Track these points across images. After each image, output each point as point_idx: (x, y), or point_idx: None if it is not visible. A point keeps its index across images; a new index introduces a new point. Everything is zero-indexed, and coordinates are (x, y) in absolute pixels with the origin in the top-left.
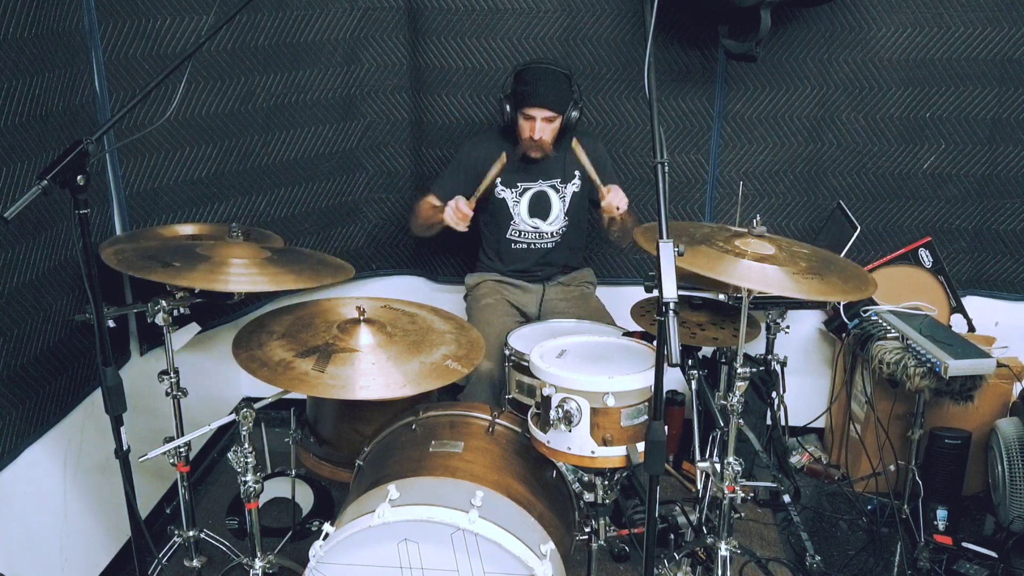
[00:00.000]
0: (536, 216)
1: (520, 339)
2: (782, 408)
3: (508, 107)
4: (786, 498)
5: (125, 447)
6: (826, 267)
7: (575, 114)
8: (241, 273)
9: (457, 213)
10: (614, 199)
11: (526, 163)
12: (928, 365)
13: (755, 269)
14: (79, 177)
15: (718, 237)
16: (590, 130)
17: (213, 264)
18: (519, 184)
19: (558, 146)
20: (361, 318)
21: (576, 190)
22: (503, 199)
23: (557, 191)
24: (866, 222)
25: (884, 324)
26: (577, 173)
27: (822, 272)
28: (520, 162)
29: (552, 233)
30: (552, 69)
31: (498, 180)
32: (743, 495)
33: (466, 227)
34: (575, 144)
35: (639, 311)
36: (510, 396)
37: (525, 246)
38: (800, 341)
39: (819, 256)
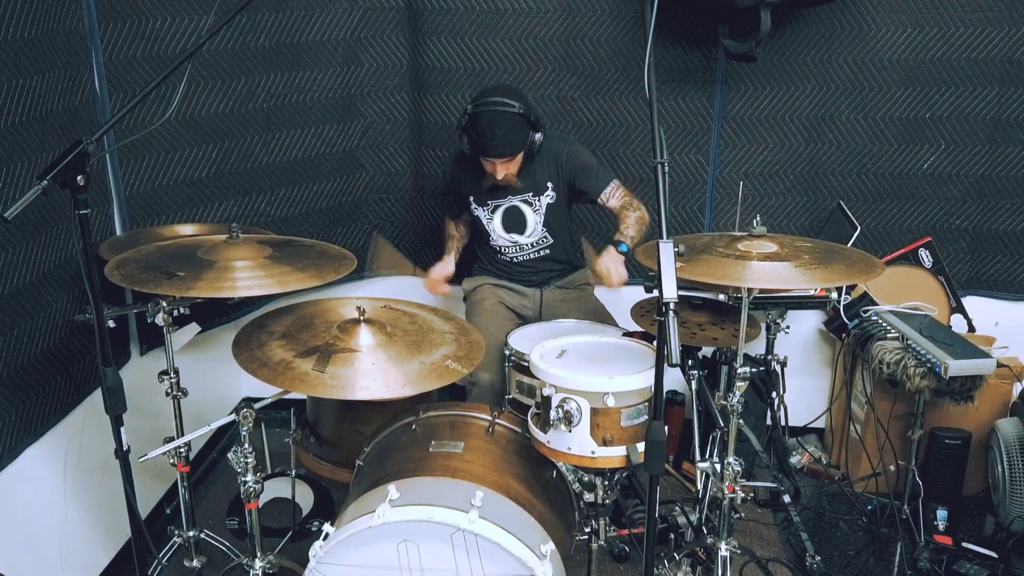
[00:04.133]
0: (513, 231)
1: (520, 339)
2: (782, 408)
3: (467, 143)
4: (786, 498)
5: (125, 447)
6: (830, 256)
7: (538, 136)
8: (247, 277)
9: (434, 289)
10: (613, 274)
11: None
12: (928, 365)
13: (764, 268)
14: (79, 177)
15: (718, 244)
16: (562, 134)
17: (218, 270)
18: (490, 202)
19: (526, 167)
20: (361, 318)
21: (551, 201)
22: (477, 216)
23: (530, 204)
24: (866, 222)
25: (884, 324)
26: (550, 184)
27: (827, 261)
28: (490, 179)
29: (532, 245)
30: (502, 112)
31: (470, 198)
32: (743, 495)
33: (446, 288)
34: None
35: (639, 311)
36: (510, 396)
37: (509, 260)
38: (800, 341)
39: (821, 247)
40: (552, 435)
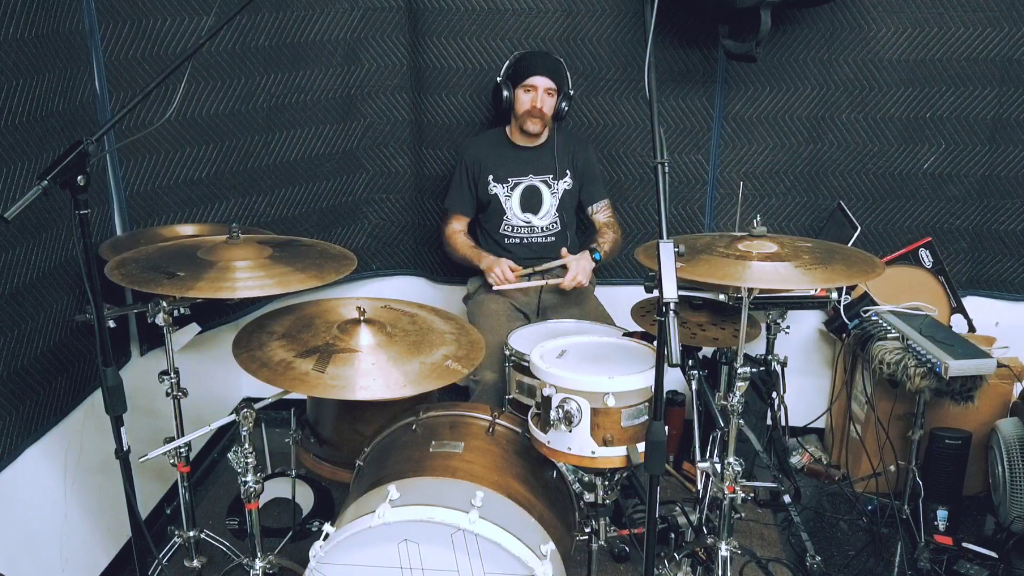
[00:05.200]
0: (528, 211)
1: (520, 339)
2: (782, 408)
3: (506, 91)
4: (786, 498)
5: (125, 447)
6: (830, 256)
7: (564, 105)
8: (247, 277)
9: (501, 277)
10: (578, 274)
11: (517, 157)
12: (928, 365)
13: (765, 269)
14: (79, 177)
15: (718, 244)
16: (582, 134)
17: (218, 270)
18: (510, 179)
19: (549, 141)
20: (361, 318)
21: (568, 188)
22: (495, 194)
23: (549, 186)
24: (866, 222)
25: (884, 324)
26: (569, 172)
27: (827, 261)
28: (512, 156)
29: (543, 228)
30: (546, 52)
31: (490, 177)
32: (743, 495)
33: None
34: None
35: (639, 311)
36: (510, 396)
37: (518, 241)
38: (800, 341)
39: (822, 247)
40: (552, 435)
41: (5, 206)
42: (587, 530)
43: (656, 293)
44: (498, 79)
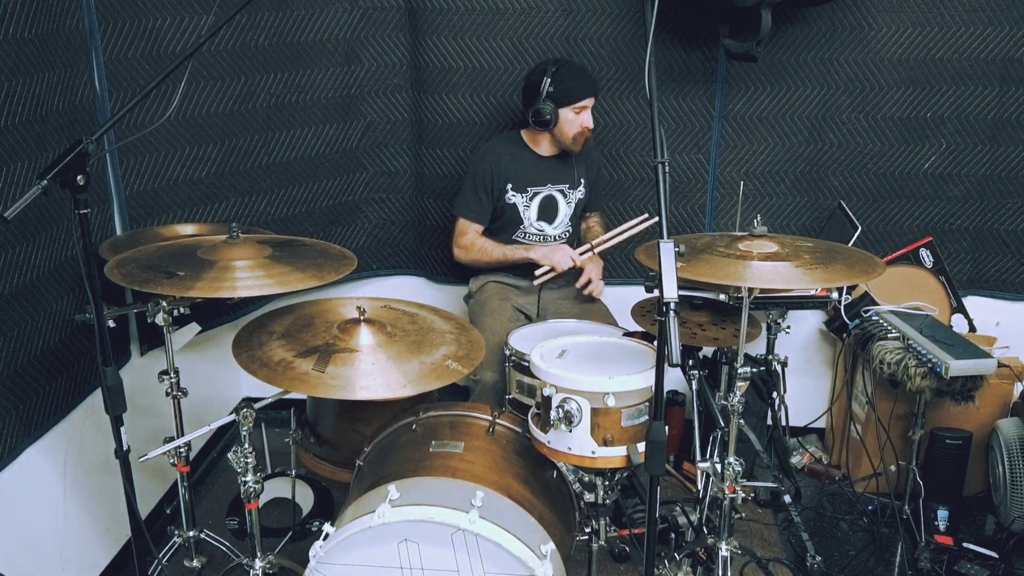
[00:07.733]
0: (543, 219)
1: (520, 339)
2: (783, 408)
3: (549, 109)
4: (787, 498)
5: (125, 447)
6: (831, 256)
7: None
8: (247, 277)
9: (576, 260)
10: (595, 285)
11: (538, 166)
12: (929, 365)
13: (765, 268)
14: (79, 177)
15: (719, 244)
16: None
17: (218, 270)
18: (529, 189)
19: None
20: (361, 318)
21: (581, 197)
22: (513, 204)
23: (565, 196)
24: (867, 222)
25: (885, 324)
26: (583, 181)
27: (827, 261)
28: (533, 165)
29: (556, 237)
30: (583, 66)
31: (508, 186)
32: (744, 495)
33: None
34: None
35: (639, 311)
36: (510, 396)
37: None
38: (801, 341)
39: (822, 247)
40: (552, 435)
41: (5, 205)
42: (587, 530)
43: (656, 293)
44: (538, 96)
